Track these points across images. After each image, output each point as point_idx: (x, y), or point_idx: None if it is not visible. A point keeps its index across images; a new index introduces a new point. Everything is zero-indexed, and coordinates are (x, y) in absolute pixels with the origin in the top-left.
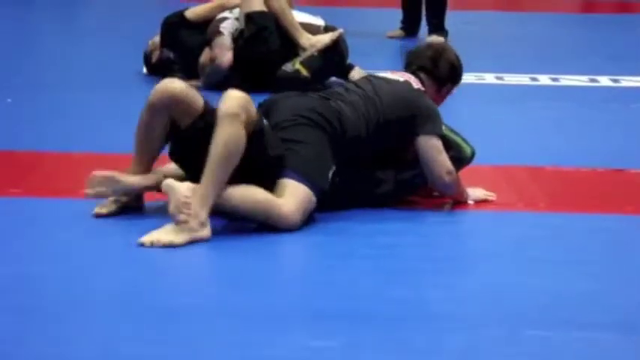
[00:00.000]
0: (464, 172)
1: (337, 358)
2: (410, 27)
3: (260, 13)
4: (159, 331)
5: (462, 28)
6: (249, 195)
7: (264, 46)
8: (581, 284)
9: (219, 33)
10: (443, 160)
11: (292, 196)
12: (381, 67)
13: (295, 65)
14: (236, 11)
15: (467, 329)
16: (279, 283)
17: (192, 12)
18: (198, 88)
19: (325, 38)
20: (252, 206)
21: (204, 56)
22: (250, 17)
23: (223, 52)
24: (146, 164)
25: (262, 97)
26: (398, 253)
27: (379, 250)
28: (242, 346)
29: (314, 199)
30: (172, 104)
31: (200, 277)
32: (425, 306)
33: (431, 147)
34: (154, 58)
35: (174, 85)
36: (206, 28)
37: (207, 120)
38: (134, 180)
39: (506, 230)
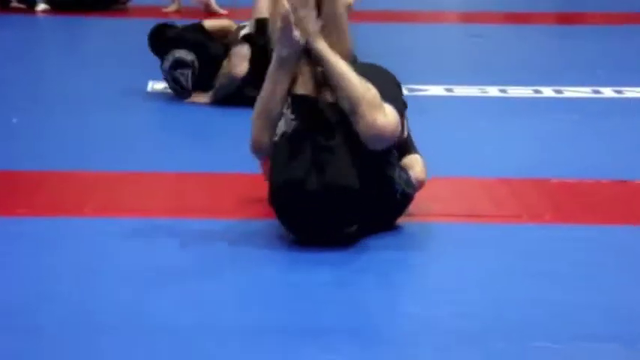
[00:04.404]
0: (466, 185)
1: None
2: None
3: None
4: (168, 350)
5: (466, 41)
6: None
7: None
8: (588, 296)
9: (238, 42)
10: None
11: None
12: None
13: None
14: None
15: (475, 343)
16: (286, 299)
17: (210, 24)
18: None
19: None
20: (359, 91)
21: (225, 67)
22: (260, 24)
23: (240, 62)
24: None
25: None
26: (404, 267)
27: (387, 265)
28: None
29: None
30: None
31: (207, 294)
32: (433, 321)
33: None
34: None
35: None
36: (222, 39)
37: None
38: None
39: (511, 243)
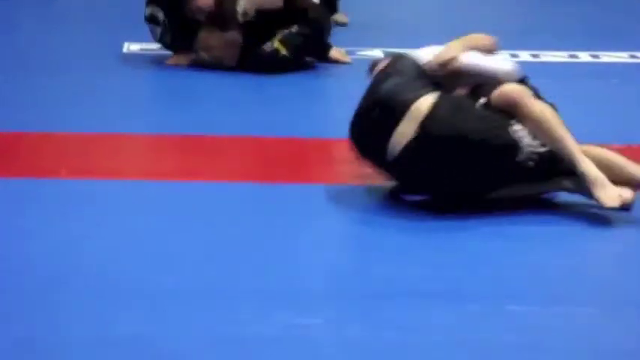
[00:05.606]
0: None
1: (322, 335)
2: None
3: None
4: (146, 311)
5: (442, 7)
6: None
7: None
8: (561, 260)
9: (236, 25)
10: None
11: None
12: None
13: (274, 44)
14: None
15: (449, 305)
16: (264, 263)
17: None
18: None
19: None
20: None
21: (210, 38)
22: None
23: (235, 53)
24: None
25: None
26: (378, 230)
27: (362, 228)
28: (228, 324)
29: None
30: None
31: (187, 257)
32: (408, 283)
33: None
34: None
35: None
36: None
37: None
38: None
39: (483, 205)
